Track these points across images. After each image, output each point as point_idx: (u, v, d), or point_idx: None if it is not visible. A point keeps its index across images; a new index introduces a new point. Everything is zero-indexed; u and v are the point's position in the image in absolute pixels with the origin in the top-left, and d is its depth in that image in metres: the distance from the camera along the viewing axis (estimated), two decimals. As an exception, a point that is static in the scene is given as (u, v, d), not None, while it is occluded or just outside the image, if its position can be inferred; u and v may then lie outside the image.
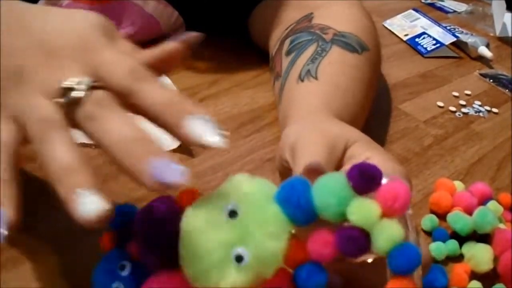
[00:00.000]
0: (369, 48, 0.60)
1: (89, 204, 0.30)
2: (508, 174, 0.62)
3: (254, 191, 0.32)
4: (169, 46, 0.38)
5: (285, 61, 0.60)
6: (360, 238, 0.29)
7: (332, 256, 0.30)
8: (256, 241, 0.30)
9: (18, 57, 0.35)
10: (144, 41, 0.43)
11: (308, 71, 0.55)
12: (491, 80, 0.84)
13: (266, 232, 0.30)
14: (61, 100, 0.33)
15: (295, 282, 0.30)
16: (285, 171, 0.43)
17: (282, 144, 0.44)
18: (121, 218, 0.34)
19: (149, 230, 0.32)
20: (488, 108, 0.76)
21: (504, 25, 1.01)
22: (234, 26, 0.76)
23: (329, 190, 0.30)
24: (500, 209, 0.52)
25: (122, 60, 0.35)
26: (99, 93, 0.33)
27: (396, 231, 0.29)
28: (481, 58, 0.91)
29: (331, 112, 0.49)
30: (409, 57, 0.90)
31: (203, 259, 0.29)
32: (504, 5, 1.00)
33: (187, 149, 0.55)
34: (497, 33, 1.02)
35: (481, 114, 0.74)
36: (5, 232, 0.31)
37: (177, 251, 0.30)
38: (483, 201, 0.53)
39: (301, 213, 0.30)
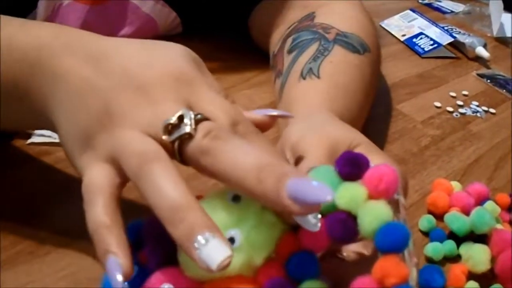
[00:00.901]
0: (370, 49, 0.60)
1: (211, 254, 0.27)
2: (505, 174, 0.62)
3: None
4: (261, 116, 0.37)
5: (287, 59, 0.60)
6: (347, 221, 0.30)
7: (323, 243, 0.30)
8: (251, 225, 0.30)
9: (104, 97, 0.33)
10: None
11: (310, 69, 0.55)
12: (488, 81, 0.84)
13: (262, 218, 0.31)
14: (169, 137, 0.31)
15: (287, 272, 0.30)
16: None
17: (283, 142, 0.44)
18: (134, 231, 0.34)
19: (156, 230, 0.32)
20: (485, 108, 0.76)
21: (501, 25, 1.01)
22: (234, 25, 0.76)
23: (316, 178, 0.31)
24: (498, 209, 0.52)
25: (224, 104, 0.33)
26: (207, 124, 0.31)
27: (382, 211, 0.29)
28: (478, 59, 0.91)
29: (332, 111, 0.49)
30: (406, 57, 0.90)
31: None
32: (502, 6, 1.00)
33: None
34: (495, 33, 1.02)
35: (478, 114, 0.74)
36: (121, 279, 0.29)
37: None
38: (480, 201, 0.53)
39: None
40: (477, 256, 0.46)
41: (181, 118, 0.31)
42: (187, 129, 0.31)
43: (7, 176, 0.49)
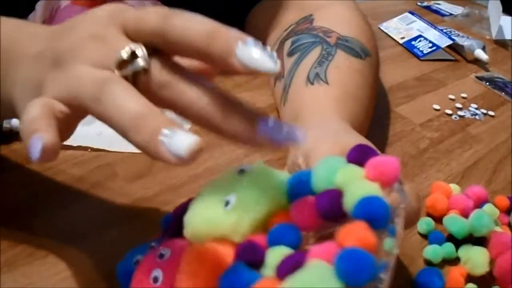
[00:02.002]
0: (371, 53, 0.60)
1: (180, 141, 0.28)
2: (504, 177, 0.62)
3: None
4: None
5: (288, 62, 0.59)
6: (337, 196, 0.29)
7: (311, 218, 0.30)
8: (244, 187, 0.31)
9: (55, 46, 0.35)
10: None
11: (317, 74, 0.54)
12: (487, 83, 0.84)
13: (256, 185, 0.32)
14: (123, 72, 0.32)
15: (268, 242, 0.31)
16: None
17: (296, 149, 0.43)
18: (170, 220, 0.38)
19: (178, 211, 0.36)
20: (484, 111, 0.76)
21: (500, 28, 1.02)
22: (231, 27, 0.76)
23: (325, 164, 0.31)
24: (496, 212, 0.52)
25: (149, 10, 0.33)
26: (160, 59, 0.32)
27: (368, 186, 0.29)
28: (477, 61, 0.91)
29: (343, 118, 0.49)
30: (405, 60, 0.90)
31: (200, 214, 0.32)
32: (500, 8, 1.01)
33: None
34: (493, 36, 1.02)
35: (477, 117, 0.74)
36: (39, 146, 0.30)
37: None
38: (479, 204, 0.53)
39: (298, 185, 0.31)
40: (475, 259, 0.46)
41: (133, 53, 0.32)
42: (143, 64, 0.32)
43: (5, 178, 0.49)
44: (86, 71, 0.32)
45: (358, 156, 0.31)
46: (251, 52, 0.30)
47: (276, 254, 0.29)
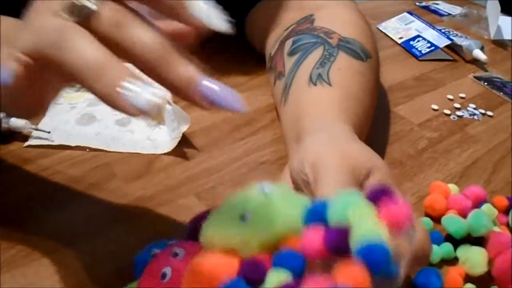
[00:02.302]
0: (372, 55, 0.60)
1: (143, 93, 0.28)
2: (503, 177, 0.62)
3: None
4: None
5: (289, 62, 0.59)
6: (345, 234, 0.29)
7: (318, 248, 0.30)
8: (262, 206, 0.32)
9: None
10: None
11: (319, 75, 0.54)
12: (485, 83, 0.84)
13: (274, 206, 0.32)
14: (75, 17, 0.31)
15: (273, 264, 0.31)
16: (302, 183, 0.42)
17: (301, 156, 0.43)
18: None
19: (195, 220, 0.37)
20: (482, 111, 0.76)
21: (498, 28, 1.02)
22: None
23: (342, 197, 0.32)
24: (495, 212, 0.52)
25: None
26: (110, 1, 0.32)
27: (374, 228, 0.29)
28: (475, 61, 0.91)
29: (345, 121, 0.49)
30: (403, 60, 0.90)
31: (216, 223, 0.32)
32: (499, 8, 1.01)
33: (182, 152, 0.55)
34: (492, 36, 1.02)
35: (475, 117, 0.74)
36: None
37: None
38: (478, 204, 0.53)
39: (315, 213, 0.32)
40: (474, 259, 0.46)
41: None
42: (91, 6, 0.31)
43: (3, 179, 0.49)
44: (46, 19, 0.32)
45: (376, 195, 0.31)
46: (201, 5, 0.32)
47: (275, 277, 0.29)
